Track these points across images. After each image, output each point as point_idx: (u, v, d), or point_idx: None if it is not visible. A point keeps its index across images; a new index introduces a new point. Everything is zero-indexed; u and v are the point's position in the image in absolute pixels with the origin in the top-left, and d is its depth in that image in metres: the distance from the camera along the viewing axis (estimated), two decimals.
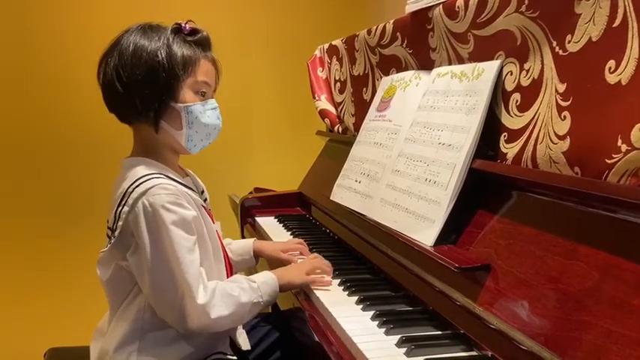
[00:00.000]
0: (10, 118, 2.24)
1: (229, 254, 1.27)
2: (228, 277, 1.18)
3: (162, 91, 1.05)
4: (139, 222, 1.01)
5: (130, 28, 1.09)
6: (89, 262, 1.23)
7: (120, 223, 1.03)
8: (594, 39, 0.82)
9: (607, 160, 0.78)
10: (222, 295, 1.05)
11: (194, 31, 1.10)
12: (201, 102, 1.09)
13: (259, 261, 1.39)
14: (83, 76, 2.16)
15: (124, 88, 1.05)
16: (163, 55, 1.05)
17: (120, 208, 1.03)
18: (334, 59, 1.89)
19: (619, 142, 0.76)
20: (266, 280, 1.12)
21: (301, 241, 1.43)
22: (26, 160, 2.28)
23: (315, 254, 1.31)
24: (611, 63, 0.79)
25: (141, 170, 1.06)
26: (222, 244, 1.18)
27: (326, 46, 1.95)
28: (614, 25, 0.79)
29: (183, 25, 1.09)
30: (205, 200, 1.20)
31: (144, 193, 1.02)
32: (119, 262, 1.06)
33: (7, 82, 2.22)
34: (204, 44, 1.11)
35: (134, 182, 1.04)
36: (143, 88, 1.04)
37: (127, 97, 1.06)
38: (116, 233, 1.04)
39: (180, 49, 1.07)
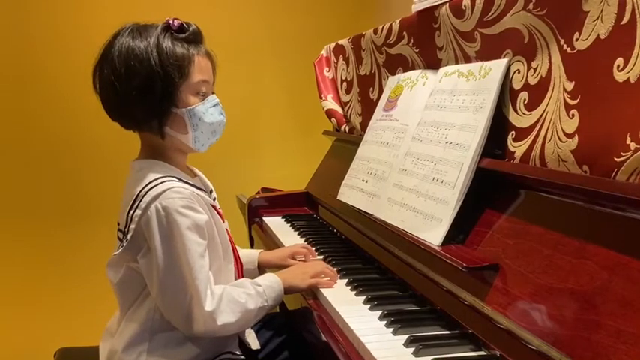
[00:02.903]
0: (14, 120, 2.25)
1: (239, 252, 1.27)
2: (237, 276, 1.18)
3: (162, 99, 1.03)
4: (151, 226, 1.01)
5: (120, 32, 1.05)
6: (99, 262, 1.23)
7: (132, 226, 1.03)
8: (602, 37, 0.82)
9: (616, 159, 0.77)
10: (228, 301, 1.05)
11: (182, 28, 1.06)
12: (202, 102, 1.07)
13: (263, 273, 1.37)
14: (85, 77, 2.19)
15: (121, 101, 1.03)
16: (156, 61, 1.01)
17: (132, 211, 1.03)
18: (341, 59, 1.89)
19: (628, 140, 0.76)
20: (271, 285, 1.12)
21: (306, 245, 1.42)
22: (37, 161, 2.29)
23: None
24: (620, 61, 0.78)
25: (152, 173, 1.05)
26: (232, 242, 1.18)
27: (332, 45, 1.95)
28: (622, 23, 0.78)
29: (170, 22, 1.06)
30: (214, 200, 1.20)
31: (157, 197, 1.01)
32: (130, 264, 1.06)
33: (11, 82, 2.23)
34: (195, 40, 1.07)
35: (146, 185, 1.03)
36: (141, 100, 1.02)
37: (126, 109, 1.05)
38: (128, 236, 1.04)
39: (172, 52, 1.03)
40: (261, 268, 1.35)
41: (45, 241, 2.30)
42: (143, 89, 1.02)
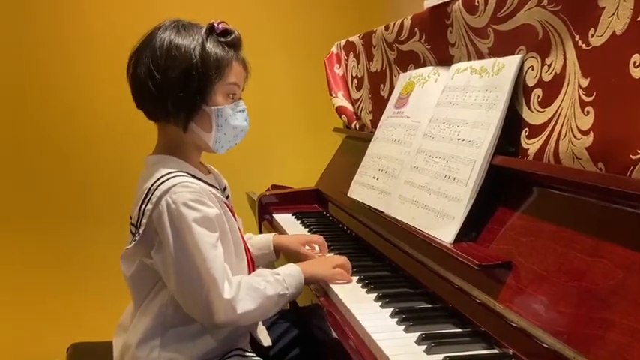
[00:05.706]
0: (19, 120, 2.26)
1: (250, 249, 1.28)
2: (249, 273, 1.19)
3: (195, 94, 1.06)
4: (162, 220, 1.02)
5: (163, 25, 1.09)
6: (111, 257, 1.24)
7: (144, 220, 1.04)
8: (618, 33, 0.81)
9: (631, 156, 0.77)
10: (247, 288, 1.06)
11: (226, 32, 1.10)
12: (231, 104, 1.10)
13: (280, 256, 1.39)
14: (86, 79, 2.20)
15: (156, 89, 1.05)
16: (197, 58, 1.05)
17: (144, 205, 1.04)
18: (351, 56, 1.88)
19: None
20: (291, 273, 1.13)
21: (322, 238, 1.42)
22: (44, 159, 2.31)
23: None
24: (636, 57, 0.77)
25: (164, 168, 1.07)
26: (243, 240, 1.19)
27: (343, 42, 1.95)
28: (638, 19, 0.77)
29: (216, 25, 1.09)
30: (227, 197, 1.21)
31: (167, 191, 1.03)
32: (143, 258, 1.07)
33: (9, 83, 2.24)
34: (235, 45, 1.11)
35: (157, 180, 1.05)
36: (176, 91, 1.05)
37: (158, 98, 1.06)
38: (140, 230, 1.05)
39: (213, 52, 1.07)
40: (277, 251, 1.35)
41: (57, 238, 2.31)
42: (180, 82, 1.05)
